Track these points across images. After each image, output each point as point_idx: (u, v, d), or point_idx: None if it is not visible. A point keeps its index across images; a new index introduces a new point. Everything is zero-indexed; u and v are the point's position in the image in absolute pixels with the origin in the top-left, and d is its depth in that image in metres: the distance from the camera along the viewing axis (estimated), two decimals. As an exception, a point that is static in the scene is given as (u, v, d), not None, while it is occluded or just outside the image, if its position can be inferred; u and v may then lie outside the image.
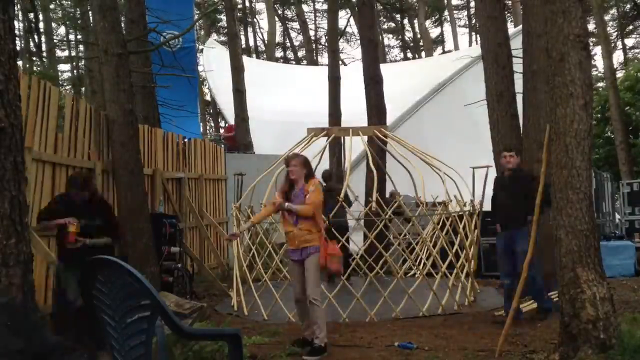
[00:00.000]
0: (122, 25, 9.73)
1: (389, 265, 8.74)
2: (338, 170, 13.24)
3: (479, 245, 9.73)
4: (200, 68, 22.02)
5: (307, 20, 39.99)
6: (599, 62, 30.54)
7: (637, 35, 35.65)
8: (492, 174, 8.93)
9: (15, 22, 5.10)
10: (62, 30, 32.30)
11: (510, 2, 30.08)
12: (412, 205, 9.65)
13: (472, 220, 8.65)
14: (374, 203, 7.78)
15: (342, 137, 9.55)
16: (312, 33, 40.43)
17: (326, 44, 31.77)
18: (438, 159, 9.11)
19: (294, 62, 40.16)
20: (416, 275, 8.96)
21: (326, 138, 9.70)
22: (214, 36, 36.34)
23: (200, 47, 25.24)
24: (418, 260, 9.13)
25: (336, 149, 13.66)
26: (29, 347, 2.47)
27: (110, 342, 2.83)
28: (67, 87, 32.42)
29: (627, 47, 35.20)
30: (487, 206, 9.48)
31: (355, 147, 9.35)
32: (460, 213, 8.58)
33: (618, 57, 34.31)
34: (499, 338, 5.57)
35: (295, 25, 41.70)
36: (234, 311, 8.10)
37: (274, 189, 8.35)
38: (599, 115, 23.59)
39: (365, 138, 9.59)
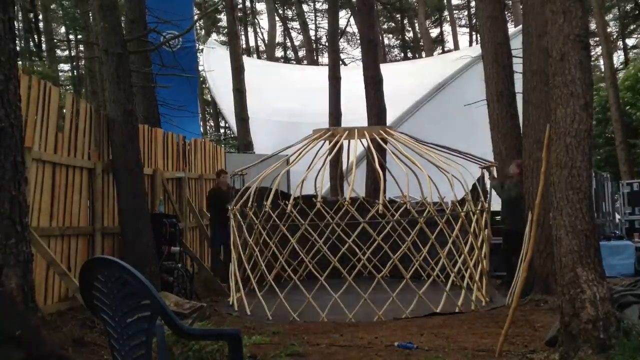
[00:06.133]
0: (123, 25, 9.73)
1: (396, 266, 8.68)
2: (336, 170, 13.08)
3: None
4: (200, 68, 22.03)
5: (308, 20, 39.97)
6: (600, 62, 30.49)
7: (638, 35, 35.57)
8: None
9: (15, 22, 5.10)
10: (62, 29, 32.28)
11: (510, 2, 30.07)
12: (417, 206, 9.59)
13: (482, 219, 8.58)
14: (380, 205, 7.75)
15: (341, 137, 9.44)
16: (312, 33, 40.44)
17: (326, 44, 31.75)
18: (457, 152, 9.03)
19: (294, 62, 40.12)
20: (423, 277, 8.92)
21: (329, 139, 9.60)
22: (214, 36, 36.35)
23: (201, 47, 25.22)
24: (428, 262, 9.00)
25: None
26: (25, 340, 2.44)
27: (110, 342, 2.83)
28: (68, 87, 32.41)
29: (628, 47, 35.11)
30: (494, 205, 9.44)
31: (353, 147, 9.32)
32: (471, 212, 8.46)
33: (619, 56, 34.26)
34: (499, 338, 5.57)
35: (296, 25, 41.68)
36: (234, 310, 8.10)
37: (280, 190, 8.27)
38: (599, 116, 23.51)
39: (368, 138, 9.49)
